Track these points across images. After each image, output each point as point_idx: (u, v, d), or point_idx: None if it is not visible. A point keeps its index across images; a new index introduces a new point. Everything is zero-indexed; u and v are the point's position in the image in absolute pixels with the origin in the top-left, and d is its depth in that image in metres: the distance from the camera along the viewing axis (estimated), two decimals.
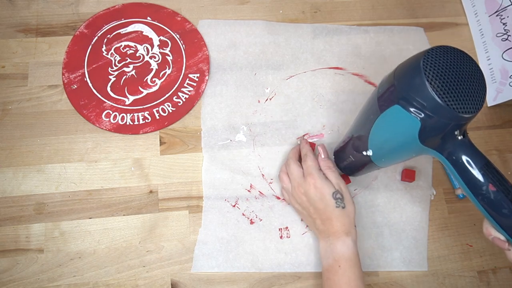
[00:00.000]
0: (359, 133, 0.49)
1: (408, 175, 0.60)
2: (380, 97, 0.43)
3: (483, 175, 0.41)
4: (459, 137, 0.41)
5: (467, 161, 0.41)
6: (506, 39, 0.63)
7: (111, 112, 0.61)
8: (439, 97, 0.37)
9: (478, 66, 0.40)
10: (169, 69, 0.64)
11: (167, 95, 0.62)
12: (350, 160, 0.53)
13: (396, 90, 0.41)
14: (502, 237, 0.43)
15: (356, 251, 0.50)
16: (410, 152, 0.45)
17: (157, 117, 0.61)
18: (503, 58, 0.63)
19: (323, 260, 0.51)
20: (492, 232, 0.44)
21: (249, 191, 0.59)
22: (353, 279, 0.47)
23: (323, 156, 0.54)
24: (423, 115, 0.39)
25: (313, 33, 0.67)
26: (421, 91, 0.38)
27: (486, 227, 0.45)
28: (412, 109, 0.39)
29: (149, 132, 0.60)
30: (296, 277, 0.56)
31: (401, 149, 0.44)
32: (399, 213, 0.59)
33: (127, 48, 0.64)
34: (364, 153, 0.48)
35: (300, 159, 0.57)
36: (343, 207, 0.50)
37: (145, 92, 0.62)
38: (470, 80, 0.38)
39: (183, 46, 0.65)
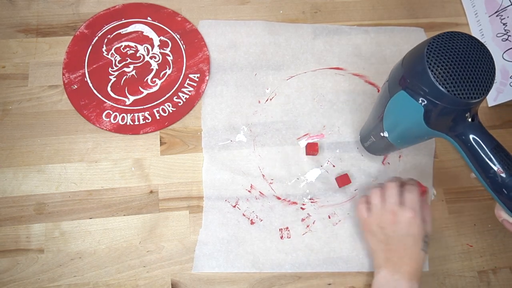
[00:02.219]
0: (377, 115, 0.50)
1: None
2: (390, 82, 0.44)
3: (493, 157, 0.41)
4: (469, 120, 0.41)
5: (477, 143, 0.41)
6: (506, 39, 0.63)
7: (111, 112, 0.61)
8: (440, 85, 0.37)
9: (486, 50, 0.39)
10: (169, 69, 0.64)
11: (167, 95, 0.62)
12: (372, 141, 0.55)
13: (403, 76, 0.41)
14: (511, 220, 0.44)
15: None
16: (421, 135, 0.45)
17: (158, 117, 0.61)
18: (503, 58, 0.63)
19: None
20: (502, 215, 0.45)
21: (249, 191, 0.59)
22: None
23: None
24: (426, 101, 0.39)
25: (313, 33, 0.67)
26: (424, 79, 0.38)
27: (497, 209, 0.45)
28: (416, 95, 0.40)
29: (150, 132, 0.60)
30: (296, 277, 0.56)
31: (411, 132, 0.45)
32: None
33: (127, 48, 0.64)
34: (381, 134, 0.50)
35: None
36: (425, 252, 0.50)
37: (145, 92, 0.62)
38: (475, 65, 0.38)
39: (184, 46, 0.65)
